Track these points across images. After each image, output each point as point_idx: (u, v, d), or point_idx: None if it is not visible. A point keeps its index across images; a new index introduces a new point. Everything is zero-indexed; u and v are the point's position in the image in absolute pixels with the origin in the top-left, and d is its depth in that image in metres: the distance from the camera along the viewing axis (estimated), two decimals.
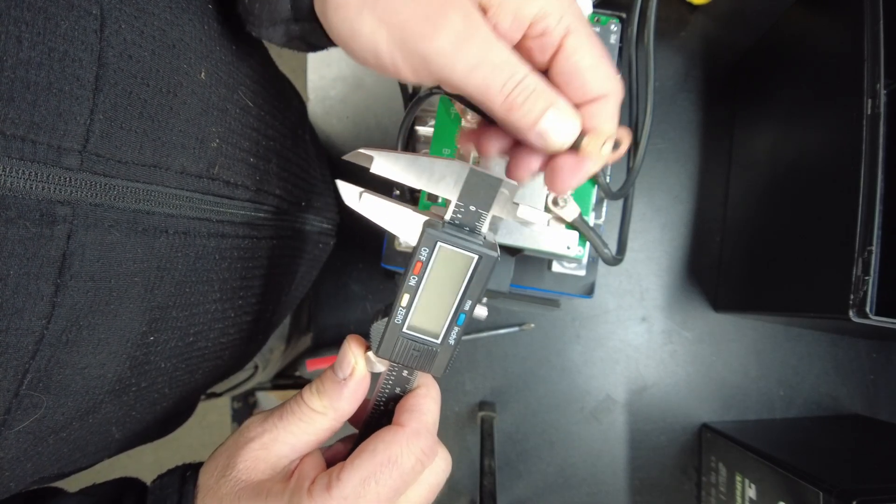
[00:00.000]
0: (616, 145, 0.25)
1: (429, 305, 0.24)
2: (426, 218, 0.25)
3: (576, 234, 0.35)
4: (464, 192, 0.24)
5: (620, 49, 0.37)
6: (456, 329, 0.25)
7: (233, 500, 0.24)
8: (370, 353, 0.25)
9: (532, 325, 0.56)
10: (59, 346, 0.21)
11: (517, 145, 0.26)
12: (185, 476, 0.25)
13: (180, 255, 0.26)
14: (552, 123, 0.23)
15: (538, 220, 0.26)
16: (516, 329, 0.55)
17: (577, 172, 0.25)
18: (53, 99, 0.19)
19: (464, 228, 0.24)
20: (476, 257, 0.23)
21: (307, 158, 0.40)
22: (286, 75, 0.40)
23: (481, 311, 0.27)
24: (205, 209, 0.27)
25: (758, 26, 0.56)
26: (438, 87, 0.27)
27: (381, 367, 0.26)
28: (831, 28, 0.41)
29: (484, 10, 0.23)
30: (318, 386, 0.25)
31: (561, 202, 0.34)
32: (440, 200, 0.36)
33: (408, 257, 0.39)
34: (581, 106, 0.24)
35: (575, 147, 0.25)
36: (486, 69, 0.22)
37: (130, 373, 0.26)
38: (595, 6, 0.37)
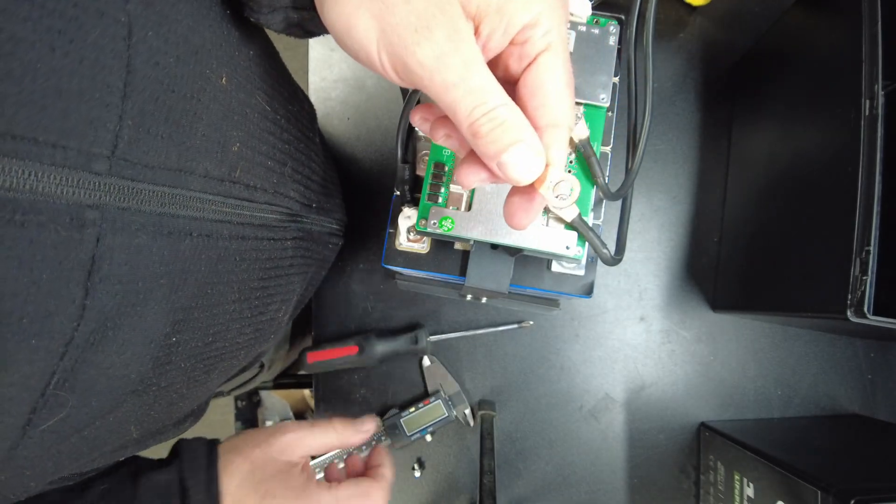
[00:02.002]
0: (565, 193, 0.26)
1: None
2: None
3: (575, 234, 0.35)
4: None
5: (619, 51, 0.37)
6: None
7: (264, 465, 0.39)
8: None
9: (531, 323, 0.56)
10: (86, 347, 0.21)
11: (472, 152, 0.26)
12: (210, 442, 0.37)
13: (203, 257, 0.27)
14: (515, 159, 0.23)
15: None
16: (515, 326, 0.56)
17: (528, 212, 0.27)
18: (84, 106, 0.19)
19: None
20: None
21: (318, 161, 0.41)
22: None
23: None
24: (226, 212, 0.28)
25: (756, 27, 0.56)
26: None
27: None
28: (830, 30, 0.41)
29: (477, 22, 0.23)
30: (344, 423, 0.43)
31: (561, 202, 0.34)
32: (440, 201, 0.36)
33: (408, 257, 0.40)
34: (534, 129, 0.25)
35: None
36: (459, 91, 0.22)
37: (152, 373, 0.26)
38: (594, 8, 0.37)
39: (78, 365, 0.21)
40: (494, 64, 0.25)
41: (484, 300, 0.51)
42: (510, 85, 0.25)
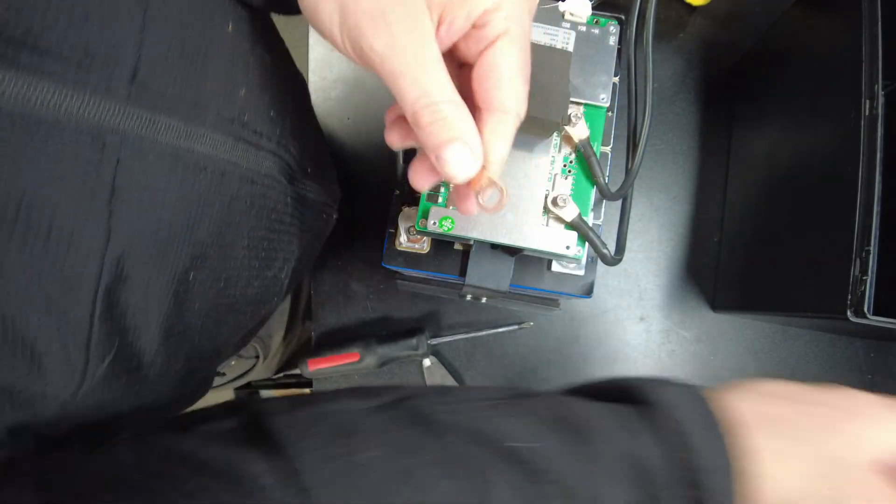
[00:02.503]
0: (493, 198, 0.26)
1: None
2: None
3: (575, 234, 0.35)
4: None
5: (619, 51, 0.37)
6: None
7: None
8: None
9: (531, 324, 0.56)
10: (117, 274, 0.22)
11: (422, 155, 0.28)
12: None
13: (217, 195, 0.27)
14: (451, 156, 0.24)
15: None
16: (515, 327, 0.56)
17: (468, 202, 0.28)
18: (107, 31, 0.20)
19: None
20: None
21: (312, 127, 0.41)
22: None
23: None
24: (237, 154, 0.29)
25: (756, 27, 0.56)
26: None
27: None
28: (830, 29, 0.41)
29: (441, 8, 0.24)
30: None
31: (560, 202, 0.34)
32: (440, 201, 0.36)
33: (408, 257, 0.40)
34: (482, 112, 0.25)
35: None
36: (406, 81, 0.23)
37: (175, 310, 0.27)
38: (594, 8, 0.37)
39: (114, 297, 0.22)
40: (457, 50, 0.26)
41: (484, 300, 0.51)
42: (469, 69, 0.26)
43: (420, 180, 0.28)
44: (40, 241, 0.19)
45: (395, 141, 0.28)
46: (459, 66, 0.28)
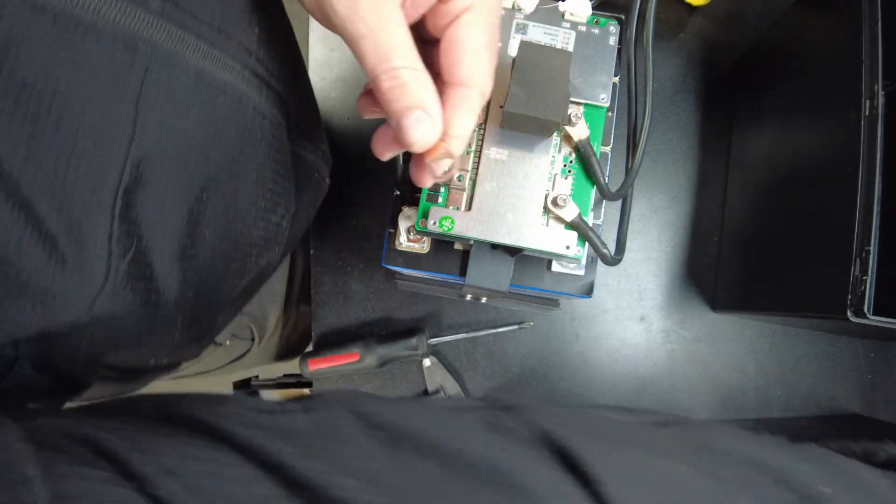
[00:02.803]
0: (444, 166, 0.27)
1: None
2: None
3: (575, 234, 0.35)
4: None
5: (619, 51, 0.37)
6: None
7: None
8: None
9: (531, 324, 0.56)
10: (138, 175, 0.23)
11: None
12: None
13: (234, 120, 0.28)
14: (410, 124, 0.25)
15: None
16: (515, 327, 0.56)
17: (422, 172, 0.28)
18: None
19: None
20: None
21: (306, 88, 0.42)
22: None
23: None
24: (253, 87, 0.30)
25: (756, 27, 0.56)
26: None
27: None
28: (830, 29, 0.41)
29: None
30: None
31: (560, 202, 0.34)
32: (440, 201, 0.36)
33: (408, 257, 0.40)
34: (446, 85, 0.26)
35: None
36: (367, 44, 0.24)
37: (187, 232, 0.27)
38: (594, 8, 0.37)
39: (133, 198, 0.23)
40: (425, 26, 0.27)
41: (484, 300, 0.51)
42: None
43: (381, 149, 0.29)
44: (72, 129, 0.20)
45: (364, 108, 0.29)
46: (427, 43, 0.29)
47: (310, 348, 0.57)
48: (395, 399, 0.26)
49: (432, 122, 0.25)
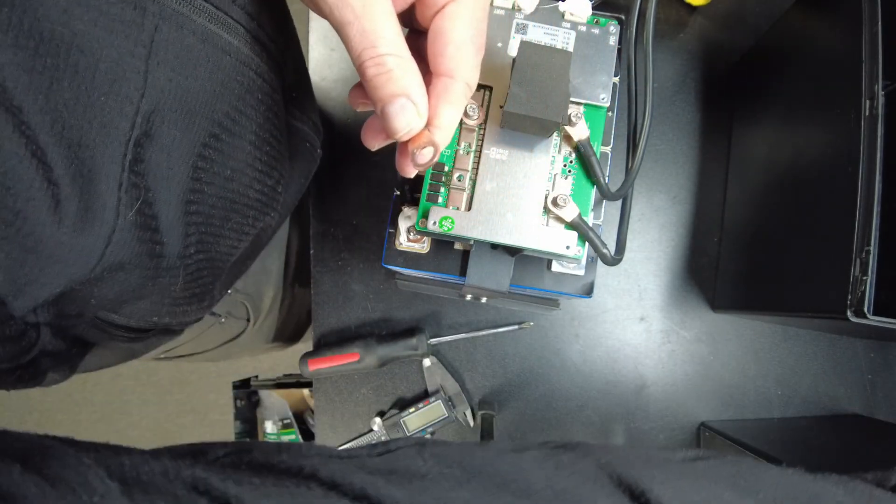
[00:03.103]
0: (426, 155, 0.27)
1: None
2: None
3: (575, 234, 0.35)
4: None
5: (619, 51, 0.37)
6: None
7: None
8: None
9: (531, 324, 0.56)
10: (147, 129, 0.24)
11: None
12: None
13: (237, 79, 0.29)
14: (395, 111, 0.25)
15: None
16: (515, 327, 0.56)
17: (405, 164, 0.29)
18: None
19: None
20: None
21: (302, 58, 0.43)
22: None
23: None
24: (254, 49, 0.30)
25: (757, 27, 0.56)
26: None
27: None
28: (830, 30, 0.41)
29: None
30: None
31: (560, 202, 0.34)
32: (440, 201, 0.36)
33: (408, 257, 0.40)
34: (432, 76, 0.26)
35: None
36: (353, 30, 0.24)
37: (191, 186, 0.28)
38: (594, 8, 0.37)
39: (142, 151, 0.24)
40: (414, 17, 0.27)
41: (484, 300, 0.51)
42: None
43: (370, 139, 0.30)
44: (88, 77, 0.21)
45: (355, 100, 0.29)
46: (420, 34, 0.29)
47: (310, 348, 0.58)
48: (459, 443, 0.27)
49: (416, 111, 0.25)
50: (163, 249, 0.28)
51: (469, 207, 0.35)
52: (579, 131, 0.35)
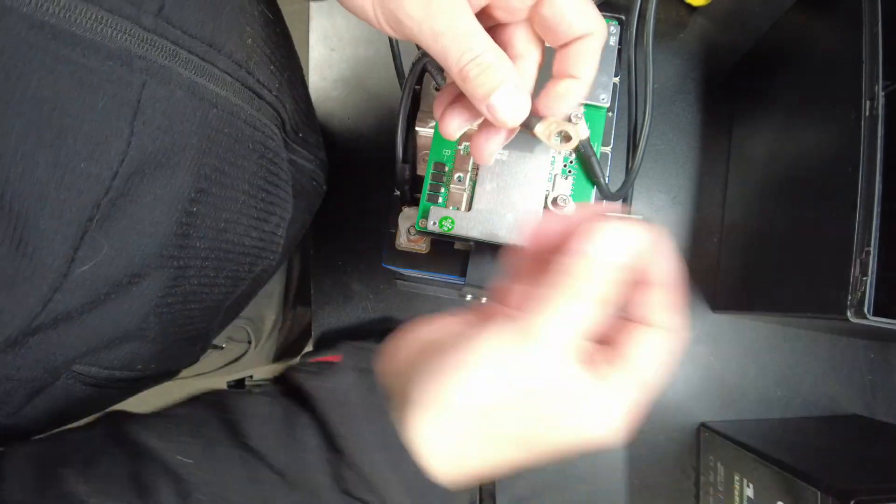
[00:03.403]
0: (567, 138, 0.28)
1: None
2: None
3: None
4: None
5: (619, 51, 0.37)
6: None
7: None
8: None
9: None
10: (125, 190, 0.24)
11: (485, 125, 0.30)
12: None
13: (225, 131, 0.29)
14: (501, 101, 0.26)
15: None
16: None
17: (484, 150, 0.30)
18: None
19: None
20: None
21: (303, 95, 0.43)
22: None
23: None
24: (244, 98, 0.31)
25: (757, 28, 0.56)
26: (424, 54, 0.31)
27: None
28: (830, 30, 0.41)
29: None
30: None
31: (561, 202, 0.34)
32: (440, 201, 0.36)
33: (408, 257, 0.40)
34: (566, 46, 0.27)
35: (528, 127, 0.27)
36: (447, 39, 0.25)
37: (175, 241, 0.28)
38: None
39: (116, 210, 0.24)
40: (489, 12, 0.27)
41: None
42: (518, 27, 0.28)
43: (451, 125, 0.29)
44: (68, 142, 0.21)
45: (454, 127, 0.29)
46: (490, 29, 0.30)
47: (310, 348, 0.57)
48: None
49: (522, 95, 0.26)
50: (131, 304, 0.27)
51: (469, 207, 0.35)
52: (580, 131, 0.35)
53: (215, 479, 0.21)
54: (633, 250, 0.23)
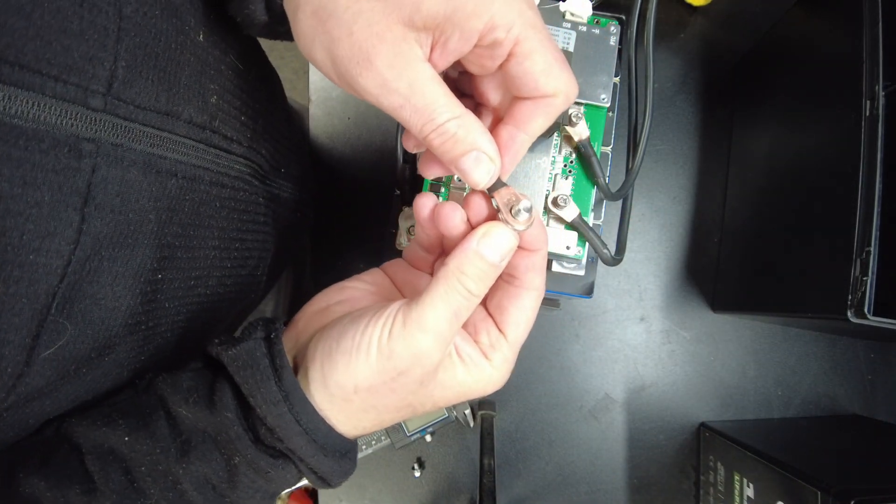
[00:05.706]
0: (522, 211, 0.26)
1: None
2: None
3: (575, 234, 0.35)
4: None
5: (620, 51, 0.37)
6: None
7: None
8: None
9: None
10: (82, 274, 0.23)
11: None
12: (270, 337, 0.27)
13: (188, 198, 0.28)
14: (470, 165, 0.25)
15: None
16: None
17: (430, 168, 0.29)
18: (84, 44, 0.21)
19: None
20: None
21: (287, 127, 0.42)
22: (289, 76, 0.41)
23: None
24: (208, 159, 0.30)
25: (757, 28, 0.56)
26: None
27: None
28: (830, 30, 0.41)
29: (428, 32, 0.24)
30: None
31: (561, 202, 0.34)
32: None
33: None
34: (528, 99, 0.26)
35: (491, 191, 0.26)
36: (406, 112, 0.24)
37: (141, 308, 0.27)
38: (594, 8, 0.37)
39: (75, 292, 0.23)
40: (468, 62, 0.27)
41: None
42: (489, 76, 0.28)
43: (428, 170, 0.29)
44: (13, 241, 0.20)
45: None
46: (462, 74, 0.29)
47: None
48: None
49: (489, 159, 0.25)
50: (103, 371, 0.27)
51: None
52: (580, 131, 0.35)
53: (152, 450, 0.25)
54: (512, 252, 0.26)
